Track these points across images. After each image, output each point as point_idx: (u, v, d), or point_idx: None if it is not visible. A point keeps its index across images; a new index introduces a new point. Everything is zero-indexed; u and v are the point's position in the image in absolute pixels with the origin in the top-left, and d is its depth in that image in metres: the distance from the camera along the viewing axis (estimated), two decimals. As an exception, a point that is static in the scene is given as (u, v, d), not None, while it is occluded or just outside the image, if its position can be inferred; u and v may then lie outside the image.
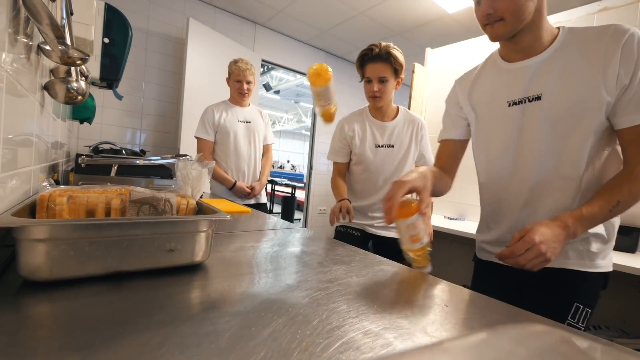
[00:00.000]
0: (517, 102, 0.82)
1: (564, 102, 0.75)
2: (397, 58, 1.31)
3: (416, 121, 1.47)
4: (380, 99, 1.37)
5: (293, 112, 11.56)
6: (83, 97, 0.85)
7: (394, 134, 1.45)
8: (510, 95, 0.83)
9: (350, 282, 0.59)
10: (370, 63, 1.33)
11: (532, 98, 0.79)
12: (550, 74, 0.77)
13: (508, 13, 0.73)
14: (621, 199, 0.70)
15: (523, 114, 0.81)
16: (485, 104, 0.89)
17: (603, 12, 1.76)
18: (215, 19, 3.29)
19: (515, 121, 0.83)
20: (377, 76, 1.33)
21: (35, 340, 0.33)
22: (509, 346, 0.42)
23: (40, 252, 0.44)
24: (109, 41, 1.39)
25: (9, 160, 0.52)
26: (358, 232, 1.51)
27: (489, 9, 0.74)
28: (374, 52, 1.30)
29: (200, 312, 0.42)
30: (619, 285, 1.56)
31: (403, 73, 1.37)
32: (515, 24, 0.75)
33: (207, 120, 1.88)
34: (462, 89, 0.97)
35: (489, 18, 0.76)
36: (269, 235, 0.94)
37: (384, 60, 1.31)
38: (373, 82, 1.35)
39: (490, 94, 0.88)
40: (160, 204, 0.60)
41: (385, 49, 1.30)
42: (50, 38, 0.57)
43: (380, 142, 1.45)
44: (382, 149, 1.44)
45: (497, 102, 0.86)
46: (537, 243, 0.66)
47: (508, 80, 0.84)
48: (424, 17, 3.11)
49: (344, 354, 0.35)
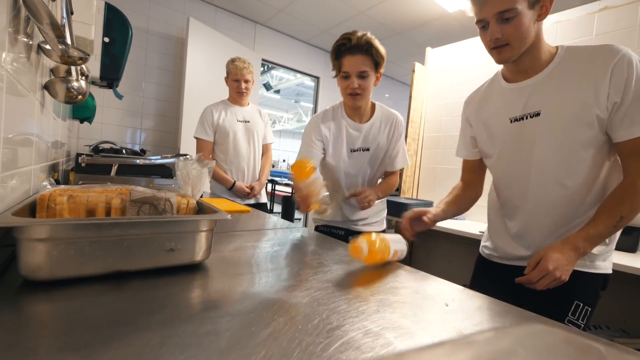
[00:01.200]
0: (518, 119, 0.87)
1: (560, 117, 0.80)
2: (378, 49, 1.15)
3: (392, 118, 1.33)
4: (360, 97, 1.20)
5: (293, 112, 11.55)
6: (83, 96, 0.85)
7: (370, 136, 1.31)
8: (511, 112, 0.88)
9: (350, 281, 0.59)
10: (348, 55, 1.14)
11: (532, 114, 0.84)
12: (548, 92, 0.82)
13: (514, 38, 0.78)
14: (624, 214, 0.74)
15: (524, 129, 0.86)
16: (491, 121, 0.94)
17: (603, 12, 1.76)
18: (215, 19, 3.29)
19: (516, 136, 0.88)
20: (356, 70, 1.15)
21: (36, 339, 0.33)
22: (509, 345, 0.42)
23: (41, 251, 0.44)
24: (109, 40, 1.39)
25: (9, 160, 0.52)
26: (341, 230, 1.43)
27: (497, 34, 0.78)
28: (351, 42, 1.13)
29: (200, 312, 0.42)
30: (620, 285, 1.56)
31: (383, 67, 1.20)
32: (520, 48, 0.80)
33: (206, 121, 1.88)
34: (469, 108, 1.03)
35: (497, 42, 0.80)
36: (269, 234, 0.94)
37: (364, 52, 1.13)
38: (352, 78, 1.16)
39: (494, 111, 0.93)
40: (160, 203, 0.60)
41: (365, 39, 1.13)
42: (50, 37, 0.57)
43: (355, 145, 1.30)
44: (356, 152, 1.31)
45: (500, 119, 0.91)
46: (551, 270, 0.73)
47: (510, 98, 0.89)
48: (424, 17, 3.11)
49: (344, 354, 0.35)
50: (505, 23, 0.77)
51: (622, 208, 0.75)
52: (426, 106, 2.66)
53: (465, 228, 1.93)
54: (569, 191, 0.82)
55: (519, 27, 0.77)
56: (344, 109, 1.32)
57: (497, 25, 0.78)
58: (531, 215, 0.88)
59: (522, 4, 0.75)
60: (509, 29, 0.77)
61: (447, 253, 2.37)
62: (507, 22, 0.77)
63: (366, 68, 1.15)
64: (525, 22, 0.76)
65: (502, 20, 0.77)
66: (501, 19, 0.77)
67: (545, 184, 0.85)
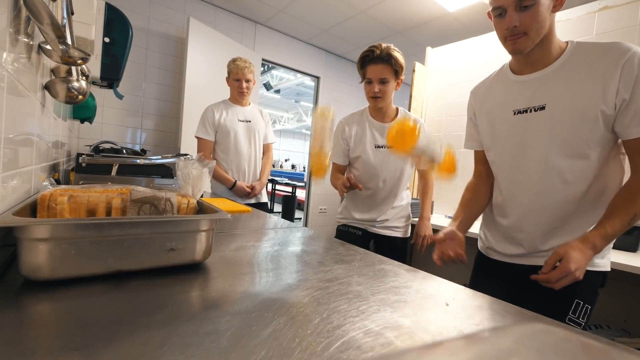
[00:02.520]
0: (522, 111, 0.86)
1: (566, 112, 0.79)
2: (397, 59, 1.32)
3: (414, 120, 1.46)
4: (381, 100, 1.38)
5: (293, 112, 11.55)
6: (84, 96, 0.85)
7: None
8: (516, 104, 0.87)
9: (350, 281, 0.59)
10: (371, 64, 1.33)
11: (537, 108, 0.83)
12: (555, 86, 0.80)
13: (531, 28, 0.76)
14: (637, 211, 0.73)
15: (527, 122, 0.85)
16: (495, 112, 0.93)
17: (604, 11, 1.75)
18: (215, 18, 3.29)
19: (519, 129, 0.87)
20: (377, 77, 1.34)
21: (37, 339, 0.33)
22: (510, 345, 0.42)
23: (42, 251, 0.44)
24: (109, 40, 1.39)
25: (10, 160, 0.52)
26: (359, 231, 1.51)
27: (515, 21, 0.76)
28: (375, 53, 1.31)
29: (201, 312, 0.42)
30: (621, 284, 1.56)
31: (403, 74, 1.38)
32: (536, 39, 0.78)
33: (207, 120, 1.88)
34: (475, 99, 1.02)
35: (513, 31, 0.78)
36: (269, 234, 0.94)
37: (384, 62, 1.31)
38: (374, 83, 1.35)
39: (499, 103, 0.92)
40: (161, 203, 0.60)
41: (386, 50, 1.31)
42: (51, 38, 0.57)
43: (380, 142, 1.45)
44: (381, 149, 1.44)
45: (504, 111, 0.90)
46: (573, 271, 0.72)
47: (515, 91, 0.88)
48: (424, 16, 3.11)
49: (344, 353, 0.35)
50: (524, 11, 0.75)
51: (635, 205, 0.74)
52: (427, 106, 2.66)
53: (466, 228, 1.92)
54: (569, 187, 0.81)
55: (537, 16, 0.75)
56: (369, 111, 1.50)
57: (515, 13, 0.76)
58: (529, 209, 0.88)
59: None
60: (527, 17, 0.75)
61: (447, 253, 2.37)
62: (526, 10, 0.75)
63: (386, 75, 1.33)
64: (543, 11, 0.75)
65: (520, 8, 0.75)
66: (520, 7, 0.75)
67: (546, 178, 0.84)
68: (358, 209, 1.51)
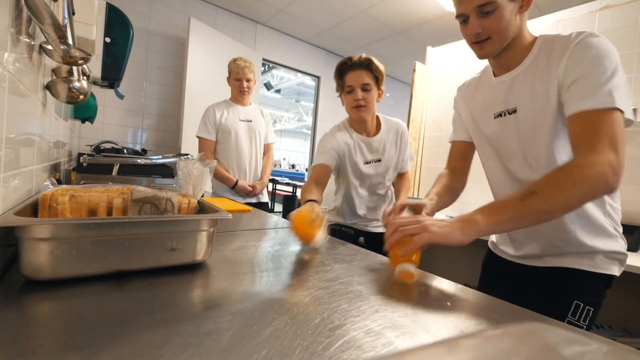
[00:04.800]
0: (500, 115, 0.86)
1: (533, 112, 0.78)
2: (377, 66, 1.25)
3: (398, 128, 1.42)
4: (365, 109, 1.27)
5: (294, 111, 11.56)
6: (85, 96, 0.85)
7: (380, 148, 1.38)
8: (495, 108, 0.88)
9: (351, 281, 0.59)
10: (351, 71, 1.25)
11: (510, 111, 0.83)
12: (523, 87, 0.80)
13: (495, 32, 0.76)
14: (538, 190, 0.66)
15: (505, 125, 0.85)
16: (480, 116, 0.93)
17: (604, 10, 1.75)
18: (216, 18, 3.29)
19: (497, 132, 0.87)
20: (359, 83, 1.24)
21: (38, 338, 0.33)
22: (511, 345, 0.42)
23: (43, 251, 0.44)
24: (110, 41, 1.39)
25: (11, 160, 0.53)
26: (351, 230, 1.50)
27: (477, 28, 0.76)
28: (352, 60, 1.24)
29: (201, 311, 0.42)
30: (622, 284, 1.54)
31: (383, 85, 1.30)
32: (502, 42, 0.78)
33: (208, 120, 1.88)
34: (462, 97, 1.01)
35: (477, 37, 0.78)
36: (270, 234, 0.95)
37: (364, 68, 1.24)
38: (356, 90, 1.25)
39: (481, 105, 0.93)
40: (161, 203, 0.60)
41: (364, 57, 1.24)
42: (52, 38, 0.57)
43: (368, 158, 1.38)
44: (370, 164, 1.39)
45: (487, 115, 0.90)
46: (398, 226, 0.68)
47: (494, 93, 0.88)
48: (424, 16, 3.10)
49: (345, 353, 0.35)
50: (486, 17, 0.75)
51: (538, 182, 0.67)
52: (427, 105, 2.66)
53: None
54: None
55: (500, 21, 0.74)
56: (351, 125, 1.37)
57: (476, 19, 0.76)
58: None
59: None
60: (489, 22, 0.75)
61: (448, 252, 2.37)
62: (487, 16, 0.75)
63: (368, 81, 1.24)
64: (505, 14, 0.74)
65: (482, 14, 0.75)
66: (481, 13, 0.75)
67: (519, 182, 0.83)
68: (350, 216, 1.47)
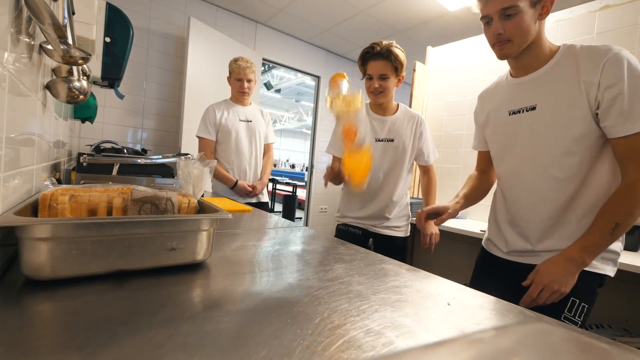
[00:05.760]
0: (516, 112, 0.92)
1: (554, 111, 0.83)
2: (397, 56, 1.33)
3: (415, 117, 1.48)
4: (381, 95, 1.39)
5: (294, 111, 11.55)
6: (85, 96, 0.85)
7: (394, 128, 1.46)
8: (511, 105, 0.93)
9: (351, 280, 0.59)
10: (372, 61, 1.35)
11: (528, 108, 0.89)
12: (545, 87, 0.85)
13: (515, 35, 0.82)
14: (619, 221, 0.75)
15: (519, 121, 0.91)
16: (494, 113, 0.99)
17: (604, 10, 1.75)
18: (216, 18, 3.29)
19: (513, 129, 0.92)
20: (377, 73, 1.36)
21: (38, 338, 0.33)
22: (511, 344, 0.42)
23: (43, 250, 0.44)
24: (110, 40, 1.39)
25: (11, 160, 0.53)
26: (359, 230, 1.51)
27: (500, 29, 0.82)
28: (375, 49, 1.33)
29: (202, 311, 0.42)
30: (622, 283, 1.55)
31: (404, 71, 1.39)
32: (521, 45, 0.84)
33: (208, 120, 1.88)
34: (481, 102, 1.08)
35: (499, 38, 0.84)
36: (270, 234, 0.95)
37: (384, 58, 1.33)
38: (374, 79, 1.37)
39: (497, 104, 0.98)
40: (161, 202, 0.60)
41: (386, 47, 1.32)
42: (52, 37, 0.57)
43: (381, 135, 1.46)
44: (381, 142, 1.46)
45: (501, 111, 0.96)
46: (547, 284, 0.79)
47: (512, 93, 0.94)
48: (425, 15, 3.10)
49: (345, 353, 0.35)
50: (508, 19, 0.81)
51: (616, 214, 0.76)
52: (427, 105, 2.65)
53: (467, 227, 1.93)
54: (558, 184, 0.84)
55: (520, 24, 0.80)
56: (370, 107, 1.51)
57: (499, 22, 0.82)
58: (523, 205, 0.91)
59: (523, 2, 0.79)
60: (511, 25, 0.81)
61: (448, 252, 2.37)
62: (509, 19, 0.81)
63: (386, 71, 1.35)
64: (526, 19, 0.80)
65: (504, 17, 0.81)
66: (504, 15, 0.81)
67: (535, 177, 0.88)
68: (357, 206, 1.50)
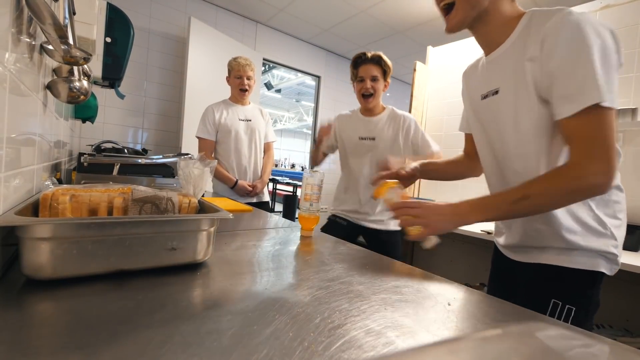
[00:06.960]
0: (485, 96, 0.82)
1: (513, 95, 0.73)
2: (386, 62, 1.51)
3: (400, 116, 1.56)
4: (372, 98, 1.52)
5: (294, 111, 11.55)
6: (85, 96, 0.85)
7: (377, 128, 1.55)
8: (481, 89, 0.84)
9: (351, 280, 0.59)
10: (364, 65, 1.52)
11: (493, 92, 0.79)
12: (505, 67, 0.75)
13: None
14: (529, 194, 0.65)
15: (488, 107, 0.81)
16: (471, 97, 0.90)
17: (605, 10, 1.75)
18: (216, 18, 3.29)
19: (483, 114, 0.84)
20: (369, 75, 1.51)
21: (38, 338, 0.33)
22: (511, 344, 0.42)
23: (43, 250, 0.44)
24: (111, 40, 1.39)
25: (12, 159, 0.53)
26: (344, 221, 1.60)
27: None
28: (366, 55, 1.51)
29: (202, 311, 0.42)
30: (622, 283, 1.55)
31: (389, 77, 1.55)
32: (466, 10, 0.72)
33: (207, 120, 1.88)
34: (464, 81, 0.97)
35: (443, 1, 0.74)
36: (270, 233, 0.95)
37: (375, 63, 1.51)
38: (366, 80, 1.51)
39: (473, 87, 0.89)
40: (162, 202, 0.60)
41: (376, 53, 1.51)
42: (53, 38, 0.57)
43: (363, 134, 1.57)
44: (364, 141, 1.56)
45: (476, 95, 0.86)
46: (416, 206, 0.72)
47: (481, 74, 0.85)
48: (425, 15, 3.10)
49: (345, 353, 0.35)
50: None
51: (531, 187, 0.65)
52: (427, 105, 2.65)
53: (467, 227, 1.93)
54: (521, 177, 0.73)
55: None
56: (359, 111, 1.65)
57: None
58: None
59: None
60: None
61: (448, 252, 2.37)
62: None
63: (377, 74, 1.51)
64: None
65: None
66: None
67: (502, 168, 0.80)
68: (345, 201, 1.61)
